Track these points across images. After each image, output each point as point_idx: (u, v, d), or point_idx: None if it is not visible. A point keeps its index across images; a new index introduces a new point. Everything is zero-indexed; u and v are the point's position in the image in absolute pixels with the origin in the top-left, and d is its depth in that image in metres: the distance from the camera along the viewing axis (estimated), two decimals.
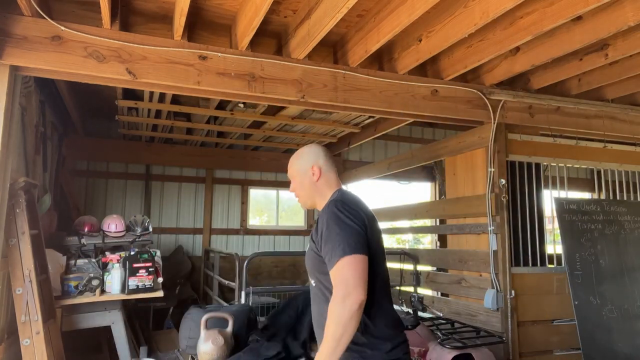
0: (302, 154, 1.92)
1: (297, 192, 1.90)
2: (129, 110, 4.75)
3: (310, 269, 1.78)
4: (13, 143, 2.75)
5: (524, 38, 2.89)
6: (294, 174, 1.91)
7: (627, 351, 3.39)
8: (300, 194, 1.89)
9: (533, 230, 3.82)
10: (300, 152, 1.93)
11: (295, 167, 1.91)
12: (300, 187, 1.88)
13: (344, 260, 1.55)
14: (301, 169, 1.88)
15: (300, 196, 1.88)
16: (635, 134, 4.27)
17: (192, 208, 6.40)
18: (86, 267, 3.88)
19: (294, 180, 1.90)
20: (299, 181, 1.88)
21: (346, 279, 1.52)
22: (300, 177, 1.87)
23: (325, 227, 1.65)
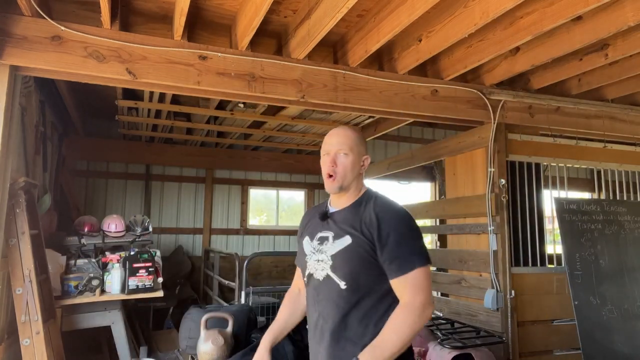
0: (361, 137, 1.77)
1: (344, 166, 1.67)
2: (129, 110, 4.75)
3: (348, 267, 1.60)
4: (13, 143, 2.75)
5: (524, 38, 2.89)
6: (354, 149, 1.70)
7: (627, 351, 3.39)
8: (345, 172, 1.67)
9: (533, 230, 3.81)
10: (360, 133, 1.78)
11: (358, 144, 1.72)
12: (350, 165, 1.68)
13: (426, 269, 1.55)
14: (360, 150, 1.73)
15: (342, 174, 1.67)
16: (635, 134, 4.27)
17: (192, 208, 6.40)
18: (86, 267, 3.88)
19: (349, 155, 1.68)
20: (352, 160, 1.68)
21: (427, 288, 1.53)
22: (355, 157, 1.70)
23: (396, 229, 1.57)
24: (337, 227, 1.66)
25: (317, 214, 1.80)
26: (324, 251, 1.65)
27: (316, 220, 1.77)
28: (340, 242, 1.62)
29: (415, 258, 1.54)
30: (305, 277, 1.75)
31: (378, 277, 1.58)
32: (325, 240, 1.67)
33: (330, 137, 1.75)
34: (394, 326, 1.50)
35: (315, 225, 1.76)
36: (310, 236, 1.76)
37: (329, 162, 1.69)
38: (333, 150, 1.70)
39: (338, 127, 1.79)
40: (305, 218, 1.90)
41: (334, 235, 1.65)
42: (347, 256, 1.59)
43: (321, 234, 1.70)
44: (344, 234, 1.62)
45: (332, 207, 1.76)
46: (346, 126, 1.83)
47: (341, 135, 1.72)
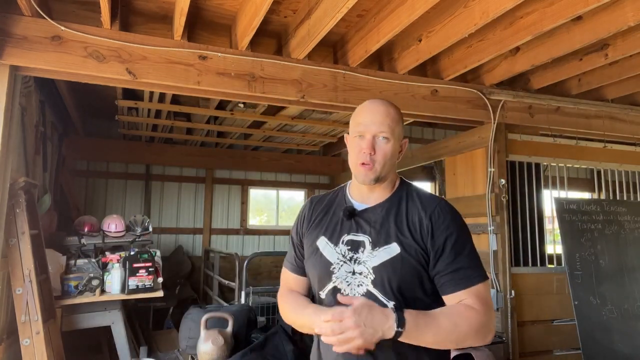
0: (401, 116, 1.41)
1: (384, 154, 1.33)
2: (129, 110, 4.75)
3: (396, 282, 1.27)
4: (13, 143, 2.75)
5: (524, 38, 2.89)
6: (395, 132, 1.35)
7: (627, 351, 3.39)
8: (384, 161, 1.33)
9: (533, 230, 3.81)
10: (400, 111, 1.41)
11: (399, 125, 1.38)
12: (391, 153, 1.34)
13: (488, 285, 1.30)
14: (400, 133, 1.39)
15: (382, 163, 1.33)
16: (635, 134, 4.27)
17: (192, 208, 6.40)
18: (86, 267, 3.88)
19: (391, 140, 1.34)
20: (393, 146, 1.34)
21: (492, 305, 1.29)
22: (396, 142, 1.36)
23: (453, 233, 1.30)
24: (375, 230, 1.33)
25: (333, 208, 1.44)
26: (361, 261, 1.30)
27: (335, 216, 1.42)
28: (384, 250, 1.29)
29: (477, 270, 1.29)
30: (325, 293, 1.35)
31: (431, 295, 1.31)
32: (361, 247, 1.32)
33: (367, 113, 1.37)
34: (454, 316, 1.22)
35: (337, 223, 1.40)
36: (330, 237, 1.38)
37: (365, 147, 1.32)
38: (371, 132, 1.33)
39: (375, 101, 1.40)
40: (313, 210, 1.48)
41: (372, 241, 1.31)
42: (395, 269, 1.27)
43: (351, 236, 1.35)
44: (388, 240, 1.30)
45: (358, 202, 1.41)
46: (385, 100, 1.41)
47: (382, 112, 1.35)
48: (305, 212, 1.51)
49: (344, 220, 1.38)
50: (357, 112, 1.40)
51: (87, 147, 5.65)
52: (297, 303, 1.42)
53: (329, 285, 1.34)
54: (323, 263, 1.36)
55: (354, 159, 1.36)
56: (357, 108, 1.42)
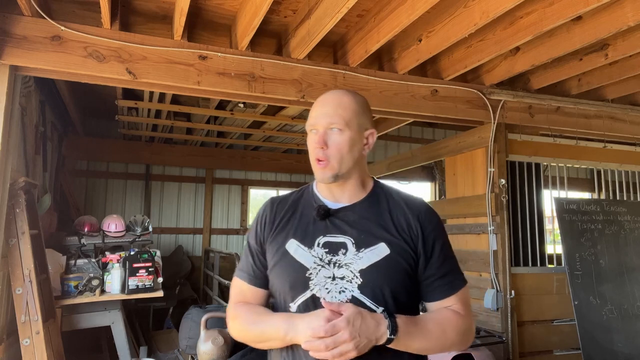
0: (364, 104, 1.28)
1: (339, 147, 1.21)
2: (129, 110, 4.75)
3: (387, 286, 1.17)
4: (13, 143, 2.75)
5: (524, 38, 2.89)
6: (352, 123, 1.22)
7: (627, 351, 3.39)
8: (340, 155, 1.21)
9: (533, 230, 3.81)
10: (362, 100, 1.29)
11: (358, 115, 1.24)
12: (347, 146, 1.21)
13: (468, 287, 1.28)
14: (362, 123, 1.26)
15: (337, 158, 1.21)
16: (636, 134, 4.27)
17: (192, 208, 6.40)
18: (86, 267, 3.88)
19: (345, 132, 1.21)
20: (349, 137, 1.22)
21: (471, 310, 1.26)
22: (354, 134, 1.23)
23: (440, 236, 1.25)
24: (357, 230, 1.21)
25: (301, 208, 1.30)
26: (343, 264, 1.18)
27: (305, 217, 1.28)
28: (371, 252, 1.18)
29: (460, 274, 1.26)
30: (298, 304, 1.19)
31: (416, 300, 1.25)
32: (342, 249, 1.19)
33: (318, 105, 1.26)
34: (443, 323, 1.19)
35: (307, 224, 1.26)
36: (302, 240, 1.23)
37: (317, 139, 1.21)
38: (322, 125, 1.22)
39: (329, 92, 1.30)
40: (275, 212, 1.32)
41: (355, 242, 1.19)
42: (386, 271, 1.17)
43: (327, 238, 1.21)
44: (374, 240, 1.19)
45: (330, 201, 1.28)
46: (342, 90, 1.31)
47: (333, 103, 1.24)
48: (266, 214, 1.33)
49: (316, 220, 1.24)
50: (313, 105, 1.28)
51: (87, 147, 5.65)
52: (256, 313, 1.24)
53: (305, 293, 1.17)
54: (297, 268, 1.19)
55: (310, 156, 1.25)
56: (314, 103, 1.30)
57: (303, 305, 1.18)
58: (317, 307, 1.15)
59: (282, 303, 1.23)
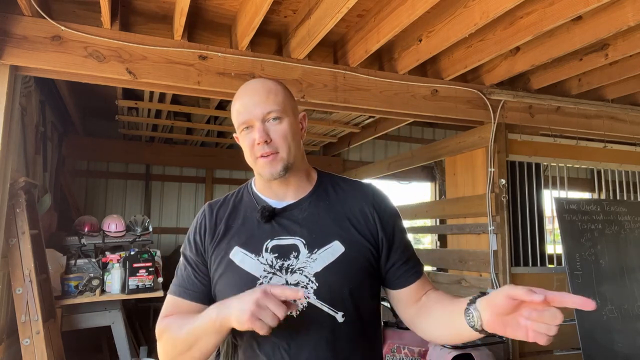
0: (286, 87, 1.18)
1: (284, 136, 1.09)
2: (129, 110, 4.75)
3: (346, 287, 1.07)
4: (13, 143, 2.75)
5: (524, 38, 2.89)
6: (287, 109, 1.12)
7: (627, 351, 3.39)
8: (287, 144, 1.10)
9: (533, 230, 3.81)
10: (282, 83, 1.18)
11: (290, 100, 1.16)
12: (291, 133, 1.11)
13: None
14: (294, 106, 1.17)
15: (285, 148, 1.10)
16: (636, 134, 4.27)
17: (192, 208, 6.40)
18: (86, 267, 3.89)
19: (284, 119, 1.10)
20: (290, 124, 1.11)
21: None
22: (292, 118, 1.13)
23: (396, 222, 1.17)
24: (308, 229, 1.10)
25: (242, 211, 1.18)
26: (296, 268, 1.07)
27: (247, 220, 1.15)
28: (325, 252, 1.07)
29: (417, 255, 1.21)
30: None
31: (374, 300, 1.15)
32: (293, 251, 1.08)
33: (245, 96, 1.12)
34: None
35: (251, 228, 1.13)
36: (246, 246, 1.11)
37: (259, 135, 1.07)
38: (257, 117, 1.08)
39: (251, 82, 1.16)
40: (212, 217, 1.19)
41: (306, 243, 1.08)
42: (343, 271, 1.07)
43: (276, 241, 1.10)
44: (327, 239, 1.09)
45: (273, 200, 1.16)
46: (260, 78, 1.23)
47: (262, 90, 1.11)
48: (205, 221, 1.18)
49: (260, 223, 1.12)
50: (234, 100, 1.14)
51: (87, 147, 5.64)
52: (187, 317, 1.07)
53: None
54: (245, 279, 1.06)
55: (251, 155, 1.11)
56: (234, 96, 1.15)
57: None
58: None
59: None
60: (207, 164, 6.41)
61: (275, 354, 1.04)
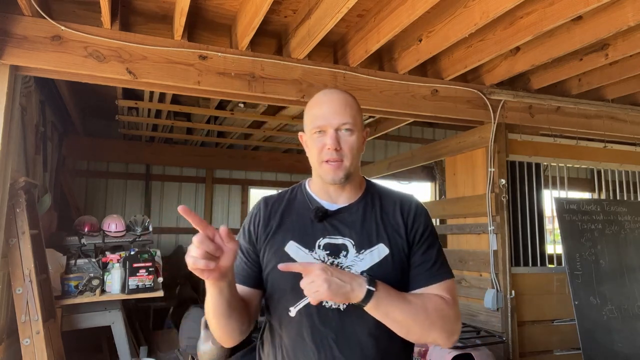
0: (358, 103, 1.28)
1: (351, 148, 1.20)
2: (129, 110, 4.75)
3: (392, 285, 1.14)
4: (13, 143, 2.75)
5: (524, 38, 2.89)
6: (357, 123, 1.23)
7: (628, 351, 3.39)
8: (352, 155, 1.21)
9: (533, 230, 3.81)
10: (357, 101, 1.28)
11: (360, 115, 1.26)
12: (357, 146, 1.22)
13: (455, 283, 1.27)
14: (362, 122, 1.28)
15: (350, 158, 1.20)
16: (636, 134, 4.27)
17: (192, 208, 6.36)
18: (86, 266, 3.89)
19: (354, 132, 1.21)
20: (357, 138, 1.22)
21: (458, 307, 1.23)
22: (359, 132, 1.24)
23: (427, 227, 1.26)
24: (356, 232, 1.21)
25: (296, 209, 1.28)
26: (345, 266, 1.17)
27: (301, 218, 1.26)
28: (371, 253, 1.18)
29: (446, 266, 1.25)
30: (302, 306, 1.16)
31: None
32: (343, 250, 1.18)
33: (324, 105, 1.24)
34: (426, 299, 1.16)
35: (304, 226, 1.24)
36: (300, 241, 1.21)
37: (330, 142, 1.18)
38: (332, 125, 1.19)
39: (330, 90, 1.29)
40: (267, 210, 1.30)
41: (355, 244, 1.19)
42: (386, 272, 1.16)
43: (328, 240, 1.20)
44: (374, 241, 1.20)
45: (326, 202, 1.27)
46: (337, 89, 1.33)
47: (341, 102, 1.22)
48: (260, 213, 1.30)
49: (313, 222, 1.23)
50: (312, 105, 1.27)
51: (87, 147, 5.65)
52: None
53: (307, 297, 1.09)
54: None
55: (316, 157, 1.22)
56: (311, 100, 1.28)
57: (304, 309, 1.16)
58: (320, 310, 1.15)
59: (281, 306, 1.20)
60: (207, 164, 6.41)
61: (323, 344, 1.14)
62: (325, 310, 1.16)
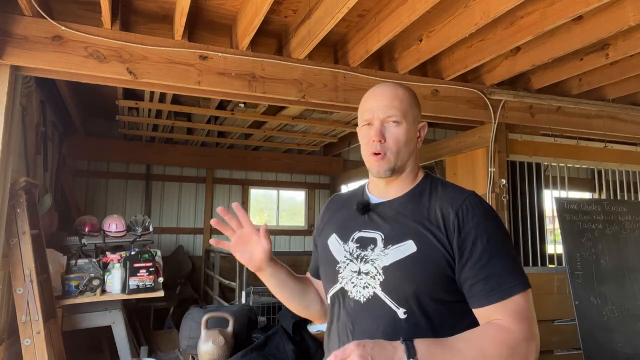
0: (415, 97, 1.26)
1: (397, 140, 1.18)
2: (129, 110, 4.75)
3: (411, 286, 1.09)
4: (14, 143, 2.76)
5: (524, 38, 2.89)
6: (408, 115, 1.20)
7: (628, 351, 3.39)
8: (398, 147, 1.18)
9: (534, 230, 3.81)
10: (413, 93, 1.26)
11: (413, 107, 1.23)
12: (405, 138, 1.19)
13: (528, 295, 1.08)
14: (416, 115, 1.24)
15: (395, 151, 1.18)
16: (636, 133, 4.27)
17: (192, 208, 6.40)
18: (87, 267, 3.89)
19: (402, 124, 1.18)
20: (406, 130, 1.19)
21: (533, 319, 1.06)
22: (410, 126, 1.20)
23: (485, 233, 1.08)
24: (390, 225, 1.17)
25: (350, 204, 1.29)
26: (369, 259, 1.15)
27: (349, 212, 1.27)
28: (398, 248, 1.12)
29: (514, 278, 1.07)
30: (332, 295, 1.22)
31: (455, 304, 1.10)
32: (371, 244, 1.16)
33: (373, 98, 1.23)
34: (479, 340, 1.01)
35: (349, 219, 1.26)
36: (340, 234, 1.25)
37: (374, 134, 1.18)
38: (379, 118, 1.19)
39: (382, 84, 1.26)
40: (329, 209, 1.39)
41: (384, 238, 1.15)
42: (409, 270, 1.09)
43: (362, 233, 1.20)
44: (404, 236, 1.13)
45: (375, 197, 1.26)
46: (393, 83, 1.28)
47: (389, 95, 1.20)
48: (325, 210, 1.41)
49: (357, 215, 1.24)
50: (364, 99, 1.26)
51: (88, 147, 5.65)
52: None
53: (336, 286, 1.20)
54: (330, 262, 1.23)
55: (365, 150, 1.22)
56: (365, 95, 1.27)
57: (334, 296, 1.22)
58: (346, 299, 1.18)
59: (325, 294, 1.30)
60: (207, 163, 6.41)
61: (342, 332, 1.17)
62: (349, 300, 1.17)
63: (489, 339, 1.01)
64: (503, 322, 1.03)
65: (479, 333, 1.03)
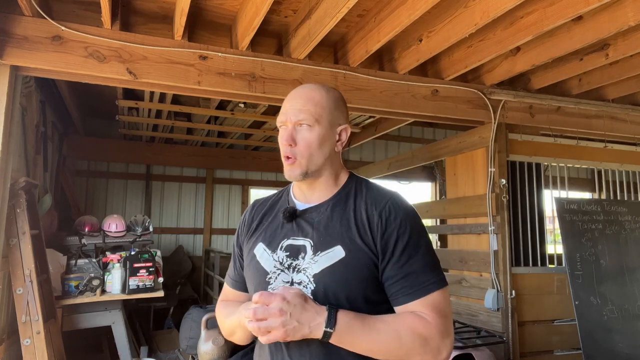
0: (337, 99, 1.22)
1: (307, 144, 1.15)
2: (129, 110, 4.75)
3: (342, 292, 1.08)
4: (14, 143, 2.76)
5: (524, 38, 2.88)
6: (322, 118, 1.16)
7: (628, 351, 3.39)
8: (309, 152, 1.16)
9: (534, 230, 3.81)
10: (335, 94, 1.23)
11: (330, 109, 1.18)
12: (317, 142, 1.16)
13: (446, 292, 1.09)
14: (334, 118, 1.19)
15: (305, 155, 1.16)
16: (636, 133, 4.27)
17: (192, 208, 6.40)
18: (87, 267, 3.89)
19: (315, 127, 1.15)
20: (319, 134, 1.16)
21: (449, 315, 1.09)
22: (325, 130, 1.17)
23: (405, 233, 1.10)
24: (318, 232, 1.14)
25: (275, 210, 1.26)
26: (301, 268, 1.12)
27: (275, 219, 1.24)
28: (327, 255, 1.10)
29: (433, 275, 1.09)
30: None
31: (386, 304, 1.12)
32: (301, 252, 1.13)
33: (289, 100, 1.20)
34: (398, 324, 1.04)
35: (275, 227, 1.22)
36: (267, 243, 1.20)
37: (285, 138, 1.16)
38: (291, 121, 1.16)
39: (300, 86, 1.23)
40: (252, 214, 1.31)
41: (313, 245, 1.13)
42: (341, 275, 1.08)
43: (290, 241, 1.16)
44: (332, 242, 1.11)
45: (300, 202, 1.23)
46: (315, 84, 1.24)
47: (303, 98, 1.17)
48: (246, 217, 1.32)
49: (284, 223, 1.20)
50: (285, 100, 1.22)
51: (88, 147, 5.65)
52: (231, 306, 1.26)
53: None
54: (259, 273, 1.17)
55: (281, 154, 1.20)
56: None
57: None
58: None
59: None
60: (207, 164, 6.41)
61: (277, 350, 1.12)
62: None
63: (407, 326, 1.04)
64: (422, 314, 1.06)
65: (400, 318, 1.06)
